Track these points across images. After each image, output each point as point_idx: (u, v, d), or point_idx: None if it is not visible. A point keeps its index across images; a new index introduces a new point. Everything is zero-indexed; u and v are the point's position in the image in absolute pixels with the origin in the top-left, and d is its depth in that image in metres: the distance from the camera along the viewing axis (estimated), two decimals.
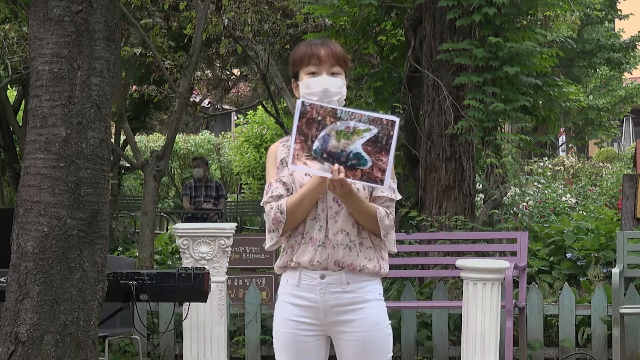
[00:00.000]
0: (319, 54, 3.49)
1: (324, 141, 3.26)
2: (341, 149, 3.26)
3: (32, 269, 4.72)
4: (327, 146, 3.26)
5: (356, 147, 3.25)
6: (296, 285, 3.49)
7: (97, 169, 4.83)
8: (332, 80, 3.48)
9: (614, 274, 7.68)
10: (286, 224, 3.43)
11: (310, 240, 3.46)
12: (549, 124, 10.94)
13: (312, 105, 3.28)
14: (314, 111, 3.27)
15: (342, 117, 3.26)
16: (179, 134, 21.44)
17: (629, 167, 17.34)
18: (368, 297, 3.48)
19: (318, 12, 10.72)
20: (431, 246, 8.67)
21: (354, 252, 3.45)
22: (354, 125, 3.26)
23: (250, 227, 17.16)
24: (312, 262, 3.44)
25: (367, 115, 3.27)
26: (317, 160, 3.28)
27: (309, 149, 3.27)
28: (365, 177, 3.27)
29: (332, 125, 3.26)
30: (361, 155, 3.25)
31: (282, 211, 3.43)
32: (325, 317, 3.48)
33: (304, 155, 3.28)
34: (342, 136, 3.26)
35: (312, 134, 3.27)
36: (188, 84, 10.44)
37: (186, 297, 6.28)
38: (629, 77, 26.94)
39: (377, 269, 3.49)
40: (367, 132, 3.25)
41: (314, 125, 3.27)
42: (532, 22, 10.02)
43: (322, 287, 3.45)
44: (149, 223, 10.15)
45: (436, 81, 9.35)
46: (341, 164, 3.27)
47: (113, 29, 4.90)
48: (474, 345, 6.26)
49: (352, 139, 3.25)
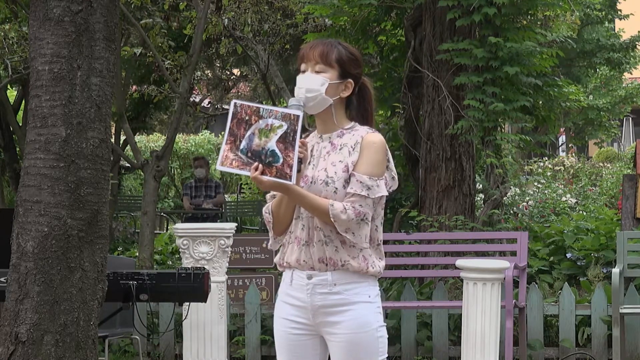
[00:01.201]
0: (307, 53, 3.52)
1: (249, 140, 3.32)
2: (262, 147, 3.32)
3: (32, 269, 4.72)
4: (251, 145, 3.32)
5: (272, 145, 3.31)
6: (289, 285, 3.53)
7: (97, 169, 4.83)
8: (309, 78, 3.49)
9: (614, 274, 7.68)
10: (274, 224, 3.51)
11: (295, 240, 3.50)
12: (549, 124, 10.93)
13: (242, 105, 3.34)
14: (243, 111, 3.33)
15: (263, 115, 3.32)
16: (179, 134, 21.44)
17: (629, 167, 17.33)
18: (355, 299, 3.46)
19: (318, 12, 10.71)
20: (431, 246, 8.67)
21: (331, 247, 3.44)
22: (271, 122, 3.32)
23: (250, 227, 17.15)
24: (299, 261, 3.48)
25: (280, 112, 3.33)
26: (243, 160, 3.32)
27: (237, 148, 3.32)
28: (278, 174, 3.31)
29: (256, 124, 3.32)
30: (275, 153, 3.31)
31: (269, 212, 3.53)
32: (314, 318, 3.49)
33: (231, 156, 3.32)
34: (262, 134, 3.31)
35: (240, 134, 3.32)
36: (188, 84, 10.45)
37: (186, 297, 6.28)
38: (629, 77, 26.93)
39: (363, 267, 3.45)
40: (279, 129, 3.31)
41: (242, 125, 3.33)
42: (532, 22, 10.02)
43: (310, 288, 3.47)
44: (149, 223, 10.15)
45: (436, 81, 9.34)
46: (261, 162, 3.31)
47: (113, 29, 4.90)
48: (474, 345, 6.26)
49: (270, 137, 3.31)
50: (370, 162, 3.45)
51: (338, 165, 3.46)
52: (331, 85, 3.50)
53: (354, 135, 3.49)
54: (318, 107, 3.49)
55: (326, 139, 3.54)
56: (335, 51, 3.51)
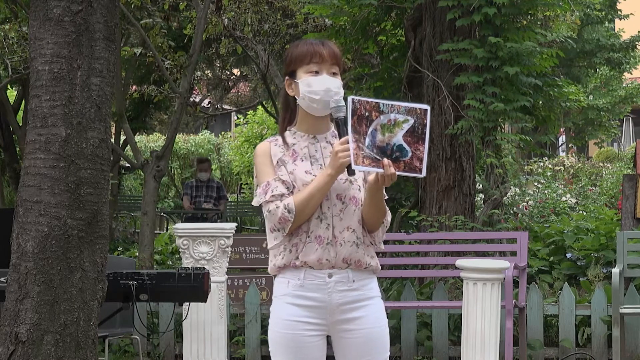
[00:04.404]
0: (321, 53, 3.49)
1: (372, 137, 3.28)
2: (386, 143, 3.28)
3: (32, 269, 4.72)
4: (375, 141, 3.29)
5: (398, 139, 3.28)
6: (300, 286, 3.46)
7: (97, 169, 4.83)
8: (333, 80, 3.48)
9: (614, 274, 7.68)
10: (296, 221, 3.41)
11: (316, 239, 3.43)
12: (549, 124, 10.94)
13: (360, 101, 3.29)
14: (362, 107, 3.29)
15: (384, 111, 3.29)
16: (179, 134, 21.44)
17: (629, 167, 17.34)
18: (371, 294, 3.51)
19: (318, 12, 10.72)
20: (431, 246, 8.67)
21: (361, 249, 3.46)
22: (394, 117, 3.29)
23: (250, 227, 17.16)
24: (320, 261, 3.43)
25: (404, 107, 3.30)
26: (369, 157, 3.29)
27: (362, 147, 3.29)
28: (407, 168, 3.30)
29: (377, 119, 3.29)
30: (403, 147, 3.28)
31: (289, 210, 3.39)
32: (331, 316, 3.47)
33: (361, 154, 3.29)
34: (386, 130, 3.28)
35: (362, 131, 3.28)
36: (188, 84, 10.45)
37: (186, 297, 6.29)
38: (629, 77, 26.93)
39: (378, 266, 3.54)
40: (405, 123, 3.28)
41: (364, 122, 3.28)
42: (532, 22, 10.02)
43: (330, 287, 3.45)
44: (149, 223, 10.15)
45: (436, 81, 9.35)
46: (388, 157, 3.28)
47: (113, 29, 4.90)
48: (474, 345, 6.26)
49: (395, 132, 3.28)
50: None
51: None
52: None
53: None
54: (328, 109, 3.49)
55: (322, 139, 3.53)
56: (340, 53, 3.56)
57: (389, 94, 10.47)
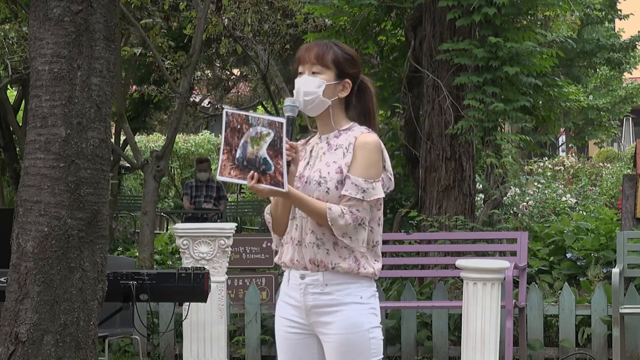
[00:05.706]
0: (302, 55, 3.53)
1: (243, 149, 3.33)
2: (255, 155, 3.33)
3: (32, 269, 4.72)
4: (246, 154, 3.33)
5: (263, 152, 3.32)
6: (287, 284, 3.55)
7: (97, 169, 4.83)
8: (306, 80, 3.49)
9: (614, 274, 7.69)
10: (273, 224, 3.55)
11: (291, 240, 3.52)
12: (549, 124, 10.94)
13: (233, 114, 3.35)
14: (234, 120, 3.34)
15: (252, 123, 3.33)
16: (179, 134, 21.44)
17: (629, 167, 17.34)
18: (346, 300, 3.45)
19: (318, 12, 10.71)
20: (431, 246, 8.67)
21: (322, 250, 3.44)
22: (260, 130, 3.32)
23: (250, 227, 17.15)
24: (293, 261, 3.50)
25: (267, 120, 3.33)
26: (240, 169, 3.34)
27: (233, 158, 3.34)
28: (272, 182, 3.32)
29: (247, 132, 3.33)
30: (267, 160, 3.32)
31: (269, 213, 3.57)
32: (308, 317, 3.50)
33: (229, 165, 3.35)
34: (254, 142, 3.33)
35: (234, 143, 3.34)
36: (188, 84, 10.44)
37: (186, 297, 6.29)
38: (629, 77, 26.94)
39: (354, 269, 3.44)
40: (268, 137, 3.32)
41: (236, 134, 3.34)
42: (532, 22, 10.02)
43: (302, 288, 3.49)
44: (149, 223, 10.15)
45: (436, 81, 9.35)
46: (256, 169, 3.32)
47: (113, 29, 4.90)
48: (474, 345, 6.26)
49: (261, 145, 3.32)
50: (365, 164, 3.43)
51: (332, 165, 3.46)
52: (328, 87, 3.50)
53: (349, 136, 3.49)
54: (317, 109, 3.50)
55: (324, 139, 3.55)
56: (331, 52, 3.52)
57: (389, 94, 10.48)
